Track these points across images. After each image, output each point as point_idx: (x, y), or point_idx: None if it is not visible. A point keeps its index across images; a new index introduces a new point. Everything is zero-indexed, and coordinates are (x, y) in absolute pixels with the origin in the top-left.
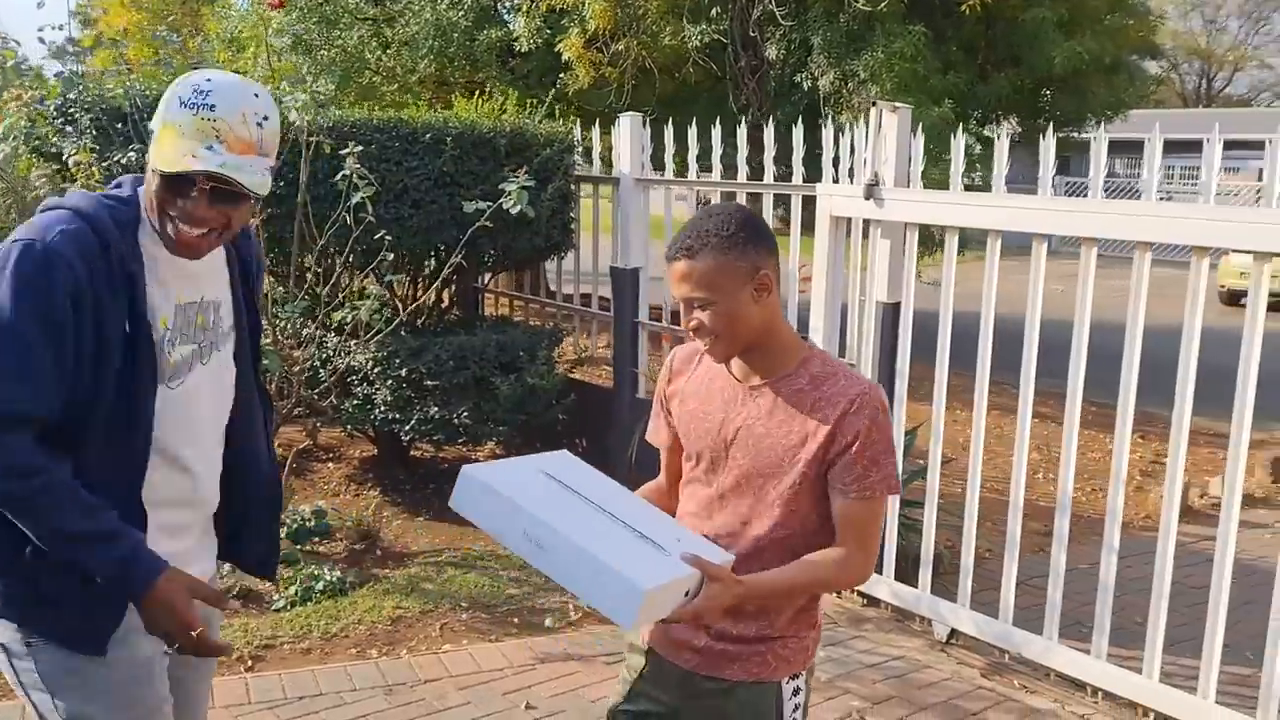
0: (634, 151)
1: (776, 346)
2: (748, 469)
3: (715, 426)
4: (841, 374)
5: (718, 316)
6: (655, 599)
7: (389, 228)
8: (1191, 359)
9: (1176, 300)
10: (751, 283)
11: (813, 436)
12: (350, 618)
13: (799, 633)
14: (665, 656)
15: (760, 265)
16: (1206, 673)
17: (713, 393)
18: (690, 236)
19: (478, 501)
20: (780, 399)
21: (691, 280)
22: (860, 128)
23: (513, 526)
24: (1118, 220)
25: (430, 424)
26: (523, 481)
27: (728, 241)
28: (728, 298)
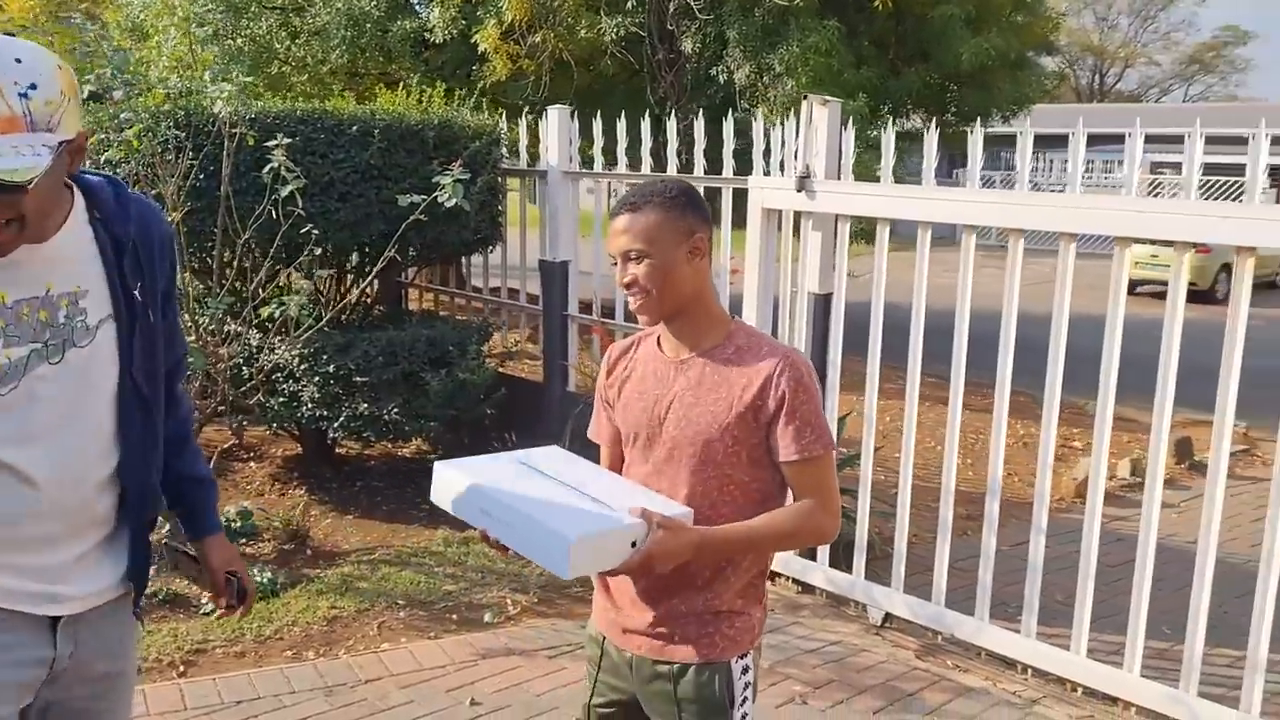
0: (562, 144)
1: (704, 318)
2: (679, 439)
3: (650, 404)
4: (765, 343)
5: (653, 270)
6: (589, 549)
7: (315, 222)
8: (1115, 346)
9: (1082, 291)
10: (687, 243)
11: (739, 401)
12: (284, 619)
13: (746, 609)
14: (615, 643)
15: (696, 229)
16: (1132, 647)
17: (646, 375)
18: (635, 195)
19: (447, 490)
20: (708, 369)
21: (632, 232)
22: (790, 120)
23: (473, 506)
24: (1047, 212)
25: (359, 421)
26: (490, 469)
27: (670, 202)
28: (664, 253)
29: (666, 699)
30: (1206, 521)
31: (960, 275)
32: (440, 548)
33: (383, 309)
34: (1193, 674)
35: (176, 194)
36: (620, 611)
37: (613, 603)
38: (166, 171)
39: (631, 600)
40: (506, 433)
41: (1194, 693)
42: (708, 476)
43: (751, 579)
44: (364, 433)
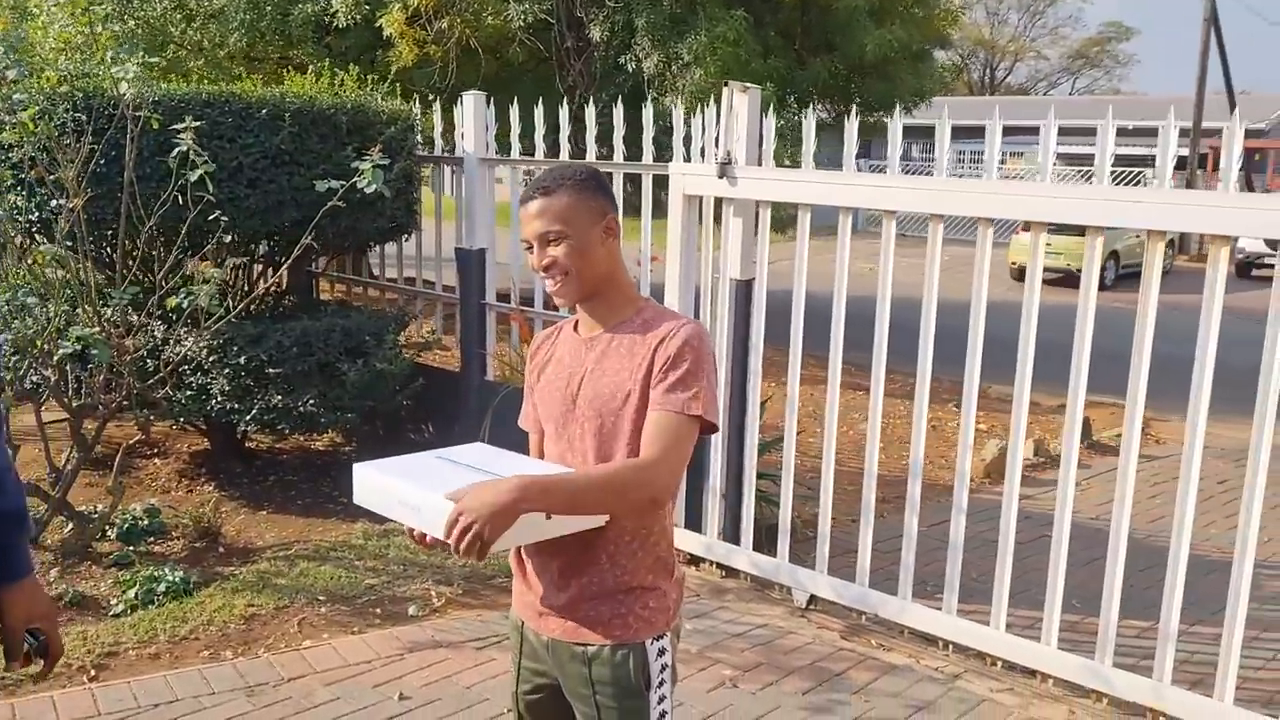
0: (478, 131)
1: (616, 296)
2: (586, 412)
3: (564, 385)
4: (668, 315)
5: (570, 251)
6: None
7: (223, 208)
8: (1031, 332)
9: (969, 277)
10: (601, 224)
11: (639, 368)
12: (199, 619)
13: (658, 584)
14: (533, 627)
15: (607, 210)
16: (1049, 621)
17: (563, 357)
18: (545, 179)
19: (368, 489)
20: (614, 341)
21: (547, 215)
22: (710, 107)
23: (390, 499)
24: (968, 198)
25: (273, 413)
26: (408, 465)
27: (581, 184)
28: (580, 233)
29: (583, 681)
30: (1120, 498)
31: (881, 261)
32: (360, 541)
33: (293, 299)
34: (1108, 645)
35: (77, 180)
36: (535, 594)
37: (528, 586)
38: (66, 156)
39: (547, 583)
40: (423, 423)
41: (1109, 663)
42: (614, 447)
43: (660, 553)
44: (278, 425)
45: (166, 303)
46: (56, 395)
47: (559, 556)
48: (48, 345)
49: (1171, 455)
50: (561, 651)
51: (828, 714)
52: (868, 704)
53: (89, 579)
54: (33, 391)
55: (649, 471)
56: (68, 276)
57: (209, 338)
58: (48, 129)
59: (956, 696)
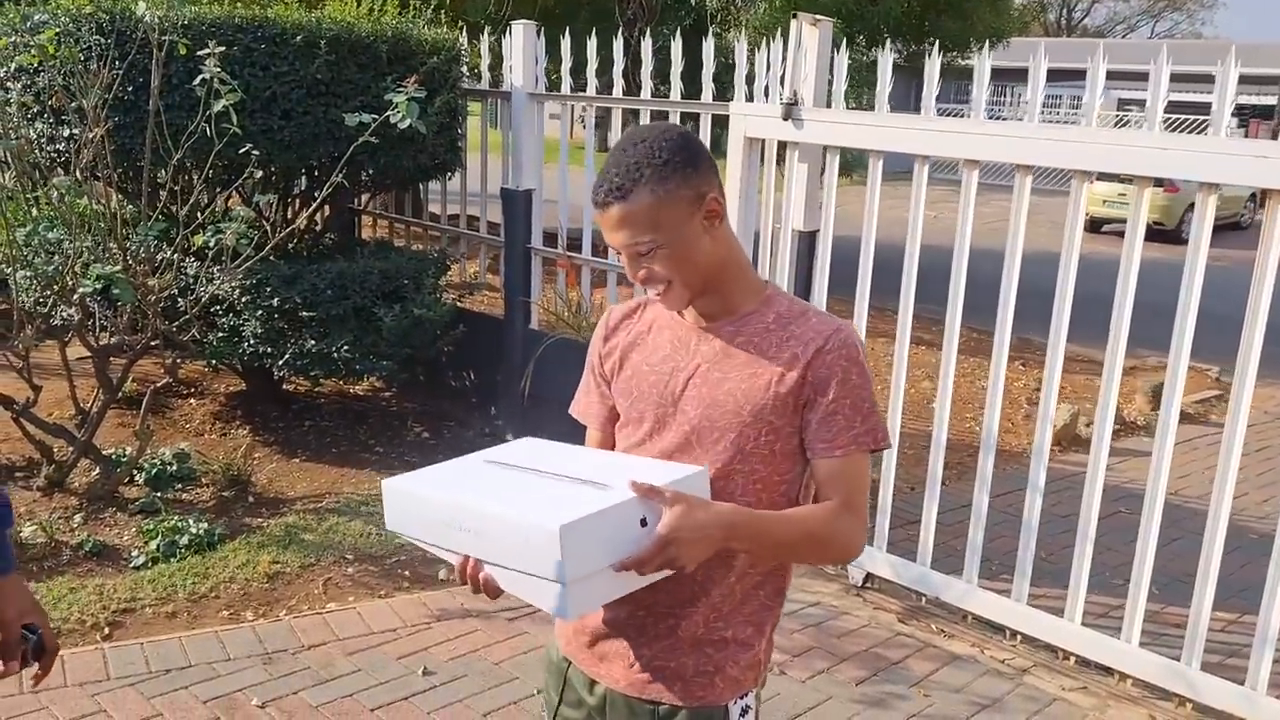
0: (527, 64)
1: (735, 285)
2: (698, 421)
3: (663, 380)
4: (812, 312)
5: (670, 260)
6: (583, 539)
7: (256, 141)
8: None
9: (1045, 228)
10: (700, 211)
11: (780, 380)
12: (221, 575)
13: (755, 640)
14: (585, 670)
15: (705, 189)
16: (1131, 615)
17: (659, 344)
18: (618, 173)
19: (404, 511)
20: (740, 340)
21: (630, 225)
22: (776, 42)
23: (436, 522)
24: (1051, 146)
25: (306, 358)
26: (450, 476)
27: (663, 170)
28: (676, 236)
29: None
30: (1221, 475)
31: (960, 213)
32: None
33: (333, 237)
34: (1196, 645)
35: (99, 107)
36: (595, 630)
37: (584, 621)
38: (89, 82)
39: (611, 618)
40: (465, 371)
41: (1197, 665)
42: (731, 470)
43: (765, 599)
44: (311, 371)
45: (194, 240)
46: (80, 334)
47: (644, 590)
48: (71, 281)
49: (1254, 425)
50: (621, 707)
51: (884, 708)
52: (927, 698)
53: (112, 526)
54: (59, 329)
55: (852, 528)
56: (92, 209)
57: (241, 277)
58: (71, 53)
59: (1025, 694)
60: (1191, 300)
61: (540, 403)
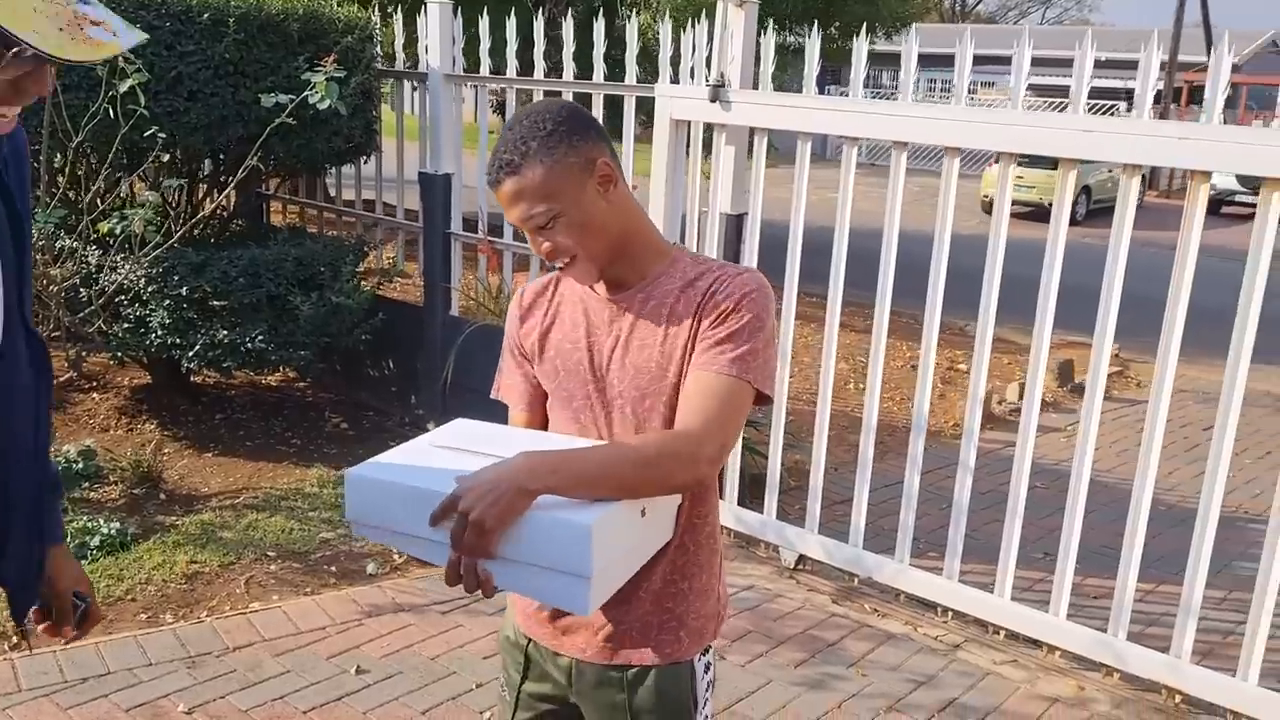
0: (444, 44)
1: (641, 251)
2: (629, 393)
3: (585, 356)
4: (715, 265)
5: (569, 228)
6: (611, 533)
7: (161, 124)
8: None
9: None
10: (592, 177)
11: (686, 330)
12: (136, 576)
13: (710, 583)
14: (549, 646)
15: (594, 155)
16: (1059, 590)
17: (577, 320)
18: (507, 150)
19: (377, 505)
20: (654, 302)
21: (525, 197)
22: (701, 24)
23: (420, 519)
24: (980, 129)
25: (217, 349)
26: (418, 463)
27: (550, 139)
28: (572, 203)
29: (618, 710)
30: (1147, 446)
31: (889, 193)
32: (314, 488)
33: (241, 223)
34: (1122, 616)
35: None
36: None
37: None
38: None
39: None
40: (384, 360)
41: (1123, 636)
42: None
43: (713, 544)
44: (223, 363)
45: (99, 227)
46: None
47: None
48: None
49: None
50: (590, 676)
51: (824, 689)
52: (865, 678)
53: None
54: None
55: (694, 441)
56: None
57: (147, 266)
58: None
59: (959, 669)
60: (1115, 280)
61: (462, 391)
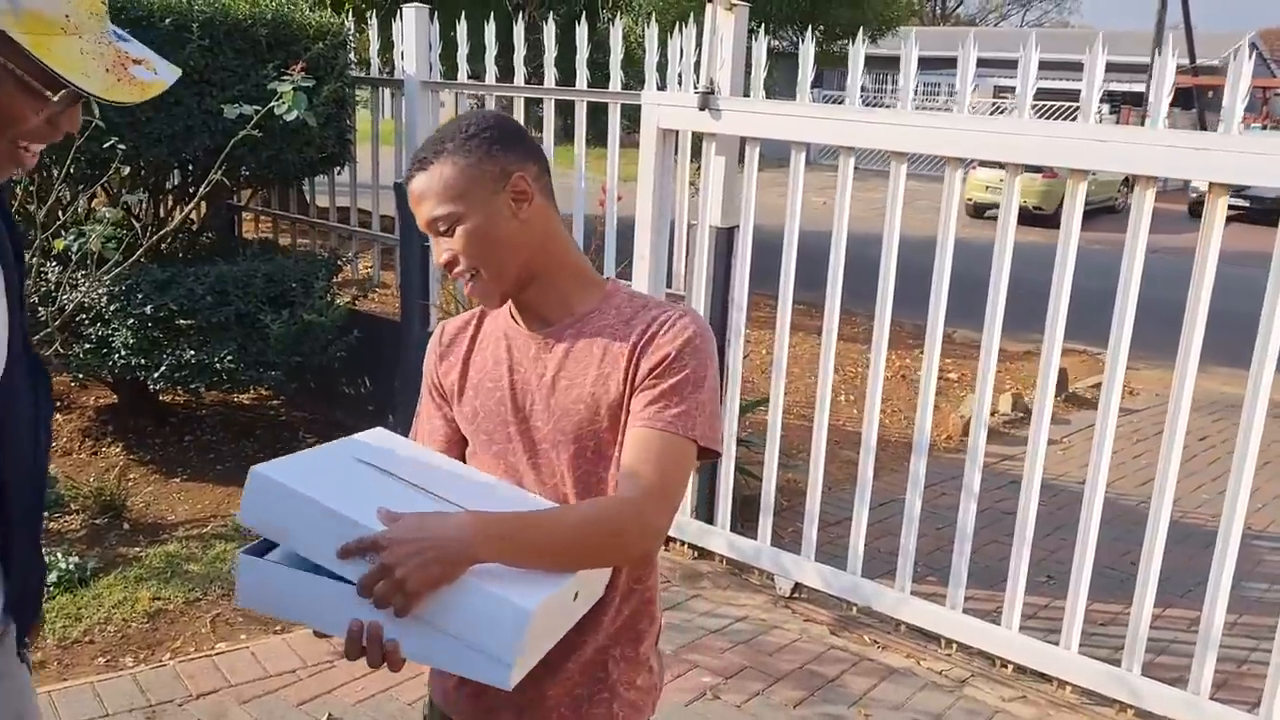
0: (420, 50)
1: (566, 280)
2: (551, 435)
3: (506, 395)
4: (654, 304)
5: (469, 237)
6: (547, 617)
7: (122, 134)
8: (1002, 277)
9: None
10: (505, 189)
11: (621, 372)
12: (95, 616)
13: (647, 653)
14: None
15: (512, 168)
16: (1070, 621)
17: (499, 356)
18: (424, 149)
19: (273, 510)
20: (584, 340)
21: (430, 196)
22: (689, 29)
23: (325, 545)
24: (984, 138)
25: (185, 370)
26: (334, 476)
27: (468, 143)
28: (475, 209)
29: None
30: (1164, 468)
31: (888, 205)
32: None
33: (210, 237)
34: (1137, 648)
35: None
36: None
37: None
38: None
39: None
40: (360, 376)
41: (1138, 670)
42: (588, 477)
43: (651, 610)
44: (191, 383)
45: (54, 243)
46: None
47: None
48: None
49: (1149, 408)
50: None
51: None
52: (868, 716)
53: None
54: None
55: (647, 512)
56: None
57: (109, 283)
58: None
59: (966, 707)
60: (1131, 290)
61: None
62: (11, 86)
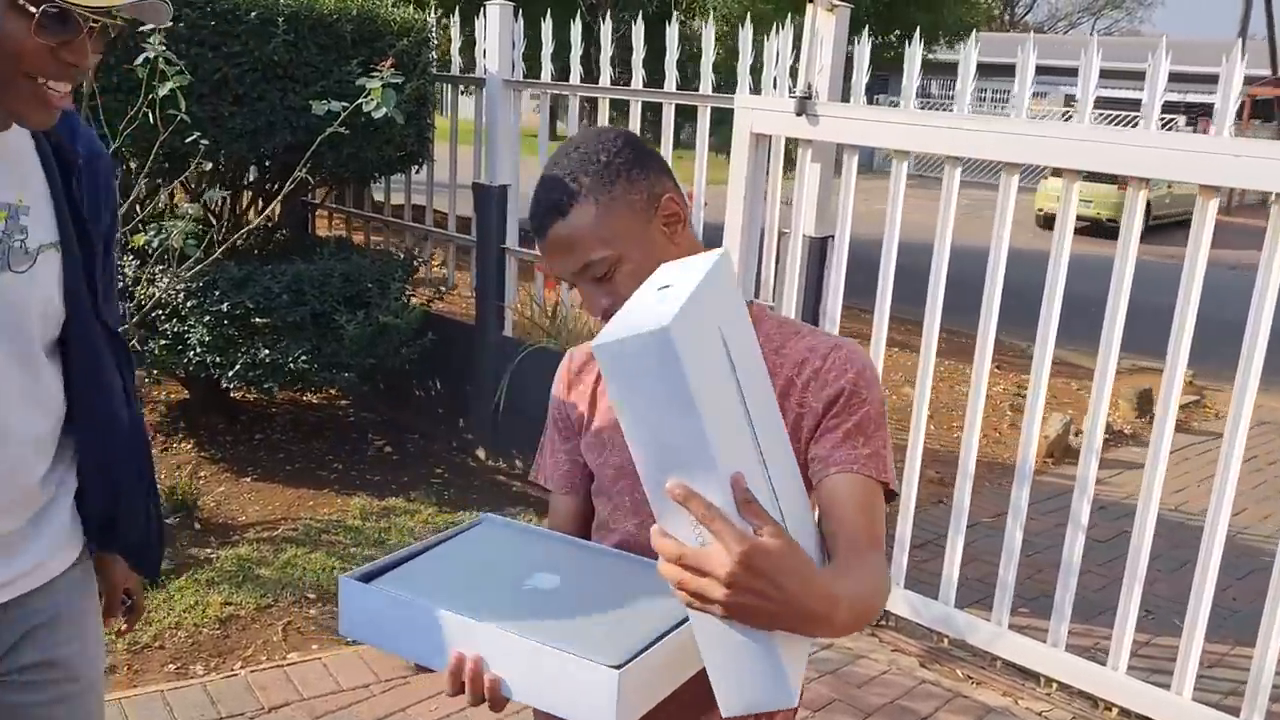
0: (503, 48)
1: None
2: None
3: None
4: (805, 331)
5: (632, 279)
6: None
7: (204, 129)
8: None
9: (988, 224)
10: (656, 215)
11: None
12: (166, 620)
13: None
14: None
15: (660, 189)
16: (1184, 664)
17: None
18: (553, 190)
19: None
20: None
21: (577, 245)
22: (785, 31)
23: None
24: (1104, 149)
25: (259, 369)
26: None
27: (604, 174)
28: (632, 246)
29: None
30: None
31: (996, 218)
32: (357, 521)
33: (286, 234)
34: (1258, 697)
35: None
36: None
37: None
38: None
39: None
40: (431, 380)
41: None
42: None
43: None
44: (264, 383)
45: (133, 239)
46: None
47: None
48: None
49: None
50: None
51: None
52: None
53: None
54: None
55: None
56: None
57: (186, 280)
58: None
59: None
60: (1191, 304)
61: (515, 417)
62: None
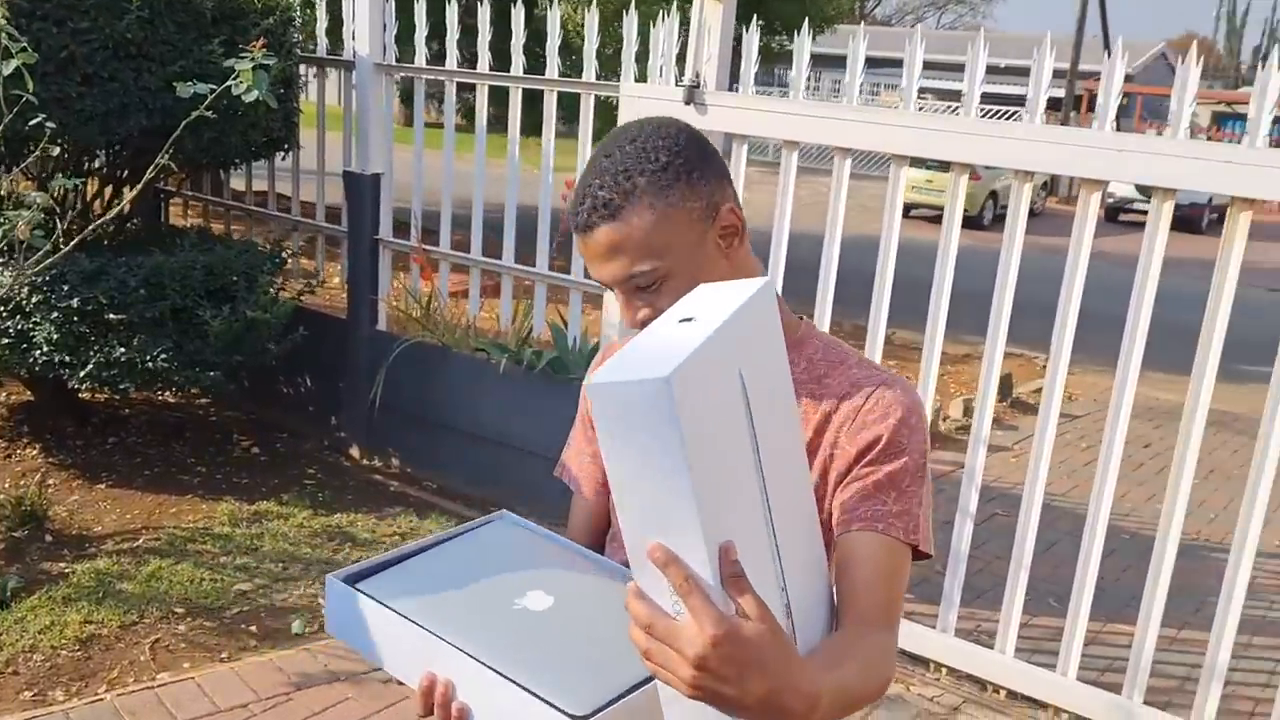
0: (374, 30)
1: None
2: None
3: None
4: (852, 360)
5: (678, 293)
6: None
7: (50, 111)
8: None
9: (853, 211)
10: (714, 227)
11: (812, 441)
12: (20, 643)
13: None
14: None
15: (717, 199)
16: (1068, 645)
17: None
18: (603, 186)
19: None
20: None
21: (625, 251)
22: (671, 18)
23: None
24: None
25: (114, 369)
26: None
27: (663, 176)
28: (684, 259)
29: None
30: (1169, 494)
31: (885, 210)
32: (226, 527)
33: (137, 223)
34: (1138, 676)
35: None
36: None
37: None
38: None
39: None
40: (299, 376)
41: (1139, 698)
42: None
43: None
44: (120, 384)
45: None
46: None
47: None
48: None
49: (1090, 414)
50: None
51: None
52: None
53: None
54: None
55: (893, 648)
56: None
57: (31, 274)
58: None
59: None
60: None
61: (391, 413)
62: None
